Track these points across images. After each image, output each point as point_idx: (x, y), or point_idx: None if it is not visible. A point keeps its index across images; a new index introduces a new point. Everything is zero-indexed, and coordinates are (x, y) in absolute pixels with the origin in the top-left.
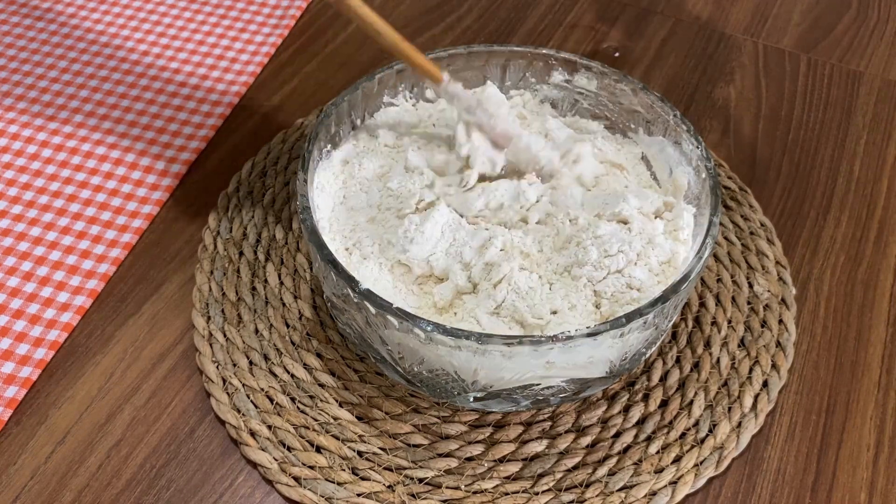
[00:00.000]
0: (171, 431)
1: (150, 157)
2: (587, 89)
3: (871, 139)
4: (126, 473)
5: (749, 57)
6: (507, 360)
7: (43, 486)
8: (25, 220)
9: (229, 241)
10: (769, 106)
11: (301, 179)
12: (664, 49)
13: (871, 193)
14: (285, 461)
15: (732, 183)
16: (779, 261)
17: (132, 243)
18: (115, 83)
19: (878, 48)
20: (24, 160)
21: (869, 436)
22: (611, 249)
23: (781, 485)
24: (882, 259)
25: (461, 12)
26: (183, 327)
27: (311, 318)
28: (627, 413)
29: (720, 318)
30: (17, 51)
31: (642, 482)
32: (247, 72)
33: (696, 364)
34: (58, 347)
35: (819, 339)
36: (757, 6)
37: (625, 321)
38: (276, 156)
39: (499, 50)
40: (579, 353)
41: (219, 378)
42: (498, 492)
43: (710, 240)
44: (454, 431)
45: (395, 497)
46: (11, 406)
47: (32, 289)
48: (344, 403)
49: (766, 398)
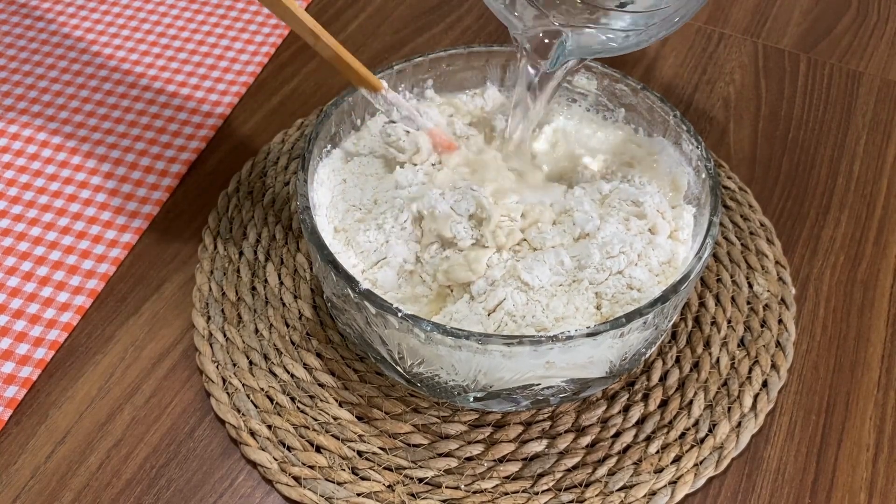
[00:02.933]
0: (171, 431)
1: (150, 157)
2: (587, 89)
3: (871, 139)
4: (126, 473)
5: (749, 57)
6: (507, 360)
7: (43, 486)
8: (25, 220)
9: (229, 241)
10: (769, 106)
11: (301, 179)
12: (664, 49)
13: (871, 193)
14: (285, 461)
15: (732, 183)
16: (778, 261)
17: (132, 243)
18: (116, 83)
19: (878, 48)
20: (24, 160)
21: (868, 436)
22: (612, 251)
23: (781, 485)
24: (882, 259)
25: (461, 12)
26: (183, 327)
27: (311, 317)
28: (627, 413)
29: (720, 318)
30: (18, 51)
31: (642, 482)
32: (247, 72)
33: (695, 364)
34: (58, 347)
35: (819, 339)
36: (757, 6)
37: (625, 321)
38: (276, 156)
39: (499, 50)
40: (579, 353)
41: (219, 378)
42: (498, 492)
43: (710, 240)
44: (454, 431)
45: (394, 497)
46: (11, 406)
47: (32, 289)
48: (344, 403)
49: (765, 398)
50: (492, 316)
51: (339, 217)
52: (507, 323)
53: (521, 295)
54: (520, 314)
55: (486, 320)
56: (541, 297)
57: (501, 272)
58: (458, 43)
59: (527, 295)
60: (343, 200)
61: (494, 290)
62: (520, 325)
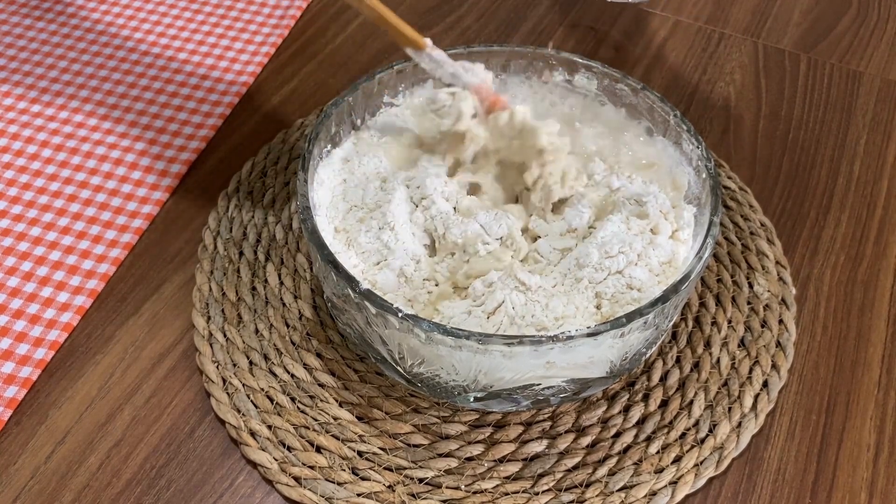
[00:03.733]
0: (171, 431)
1: (150, 157)
2: (587, 89)
3: (871, 139)
4: (126, 473)
5: (749, 57)
6: (508, 360)
7: (43, 486)
8: (25, 220)
9: (229, 241)
10: (769, 106)
11: (301, 179)
12: (664, 49)
13: (871, 193)
14: (285, 461)
15: (732, 183)
16: (779, 261)
17: (132, 243)
18: (115, 83)
19: (878, 48)
20: (24, 160)
21: (869, 436)
22: (611, 251)
23: (781, 485)
24: (882, 259)
25: (461, 12)
26: (183, 327)
27: (311, 318)
28: (627, 413)
29: (720, 318)
30: (18, 51)
31: (642, 482)
32: (247, 72)
33: (696, 364)
34: (58, 347)
35: (819, 339)
36: (757, 6)
37: (625, 321)
38: (276, 156)
39: (499, 50)
40: (579, 353)
41: (219, 378)
42: (498, 492)
43: (711, 240)
44: (454, 431)
45: (395, 497)
46: (11, 406)
47: (32, 289)
48: (344, 403)
49: (766, 398)
50: (491, 318)
51: (340, 217)
52: (507, 326)
53: (519, 295)
54: (519, 315)
55: (486, 322)
56: (540, 296)
57: (499, 273)
58: (458, 43)
59: (525, 295)
60: (343, 200)
61: (493, 292)
62: (520, 327)
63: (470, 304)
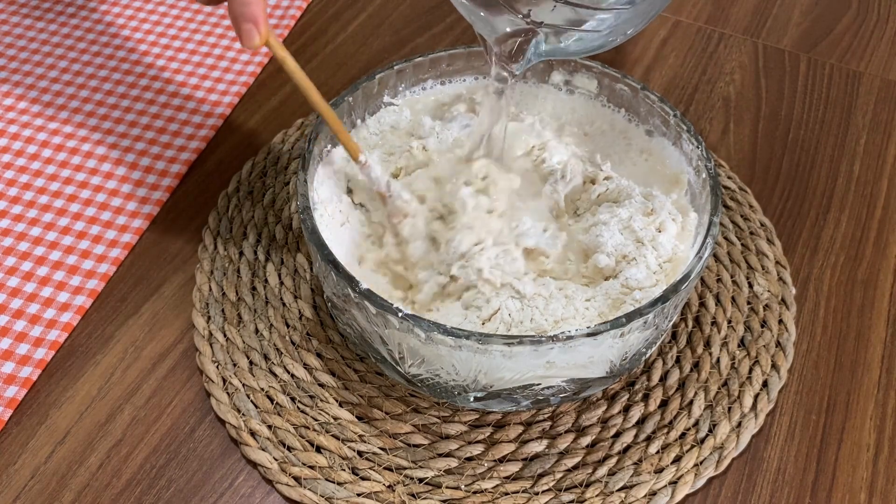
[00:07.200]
0: (171, 431)
1: (150, 157)
2: (587, 89)
3: (871, 139)
4: (126, 473)
5: (749, 57)
6: (508, 359)
7: (43, 486)
8: (25, 220)
9: (229, 241)
10: (769, 106)
11: (301, 179)
12: (664, 49)
13: (871, 193)
14: (285, 461)
15: (732, 183)
16: (779, 261)
17: (132, 243)
18: (116, 83)
19: (878, 48)
20: (24, 160)
21: (869, 436)
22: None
23: (781, 485)
24: (882, 259)
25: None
26: (183, 327)
27: (311, 318)
28: (627, 413)
29: (720, 318)
30: (18, 51)
31: (642, 482)
32: (247, 72)
33: (696, 364)
34: (58, 347)
35: (819, 339)
36: (757, 6)
37: (625, 321)
38: (276, 156)
39: None
40: (579, 352)
41: (219, 378)
42: (498, 492)
43: (710, 240)
44: (454, 431)
45: (395, 497)
46: (11, 406)
47: (32, 289)
48: (344, 403)
49: (766, 398)
50: (486, 325)
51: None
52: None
53: (515, 302)
54: (516, 321)
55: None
56: (537, 301)
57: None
58: (458, 43)
59: (521, 302)
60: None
61: (489, 302)
62: (519, 330)
63: (464, 310)
